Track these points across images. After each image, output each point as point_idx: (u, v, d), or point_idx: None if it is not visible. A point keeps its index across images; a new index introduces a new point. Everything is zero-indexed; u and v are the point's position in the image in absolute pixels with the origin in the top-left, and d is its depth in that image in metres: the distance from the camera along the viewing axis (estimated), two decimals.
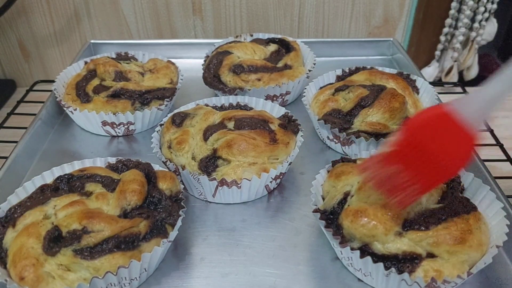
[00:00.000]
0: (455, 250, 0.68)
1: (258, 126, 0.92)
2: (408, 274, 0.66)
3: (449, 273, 0.67)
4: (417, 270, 0.68)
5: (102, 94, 1.07)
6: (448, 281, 0.66)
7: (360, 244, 0.71)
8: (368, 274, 0.72)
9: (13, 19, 1.52)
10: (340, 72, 1.18)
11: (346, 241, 0.72)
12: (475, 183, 0.80)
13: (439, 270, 0.67)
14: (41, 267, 0.67)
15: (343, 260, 0.77)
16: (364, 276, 0.74)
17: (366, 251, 0.70)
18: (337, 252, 0.78)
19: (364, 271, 0.72)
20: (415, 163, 0.62)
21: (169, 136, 0.94)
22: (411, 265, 0.68)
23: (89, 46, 1.45)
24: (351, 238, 0.72)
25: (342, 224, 0.73)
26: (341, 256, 0.76)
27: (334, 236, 0.72)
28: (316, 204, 0.79)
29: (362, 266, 0.71)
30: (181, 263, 0.79)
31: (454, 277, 0.67)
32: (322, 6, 1.53)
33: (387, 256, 0.69)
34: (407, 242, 0.69)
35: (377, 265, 0.68)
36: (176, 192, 0.81)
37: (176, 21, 1.55)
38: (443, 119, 0.60)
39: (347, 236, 0.72)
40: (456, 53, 1.53)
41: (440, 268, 0.68)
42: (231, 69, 1.15)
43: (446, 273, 0.67)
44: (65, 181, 0.80)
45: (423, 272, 0.68)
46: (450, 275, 0.67)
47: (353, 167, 0.82)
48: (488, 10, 1.46)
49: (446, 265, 0.68)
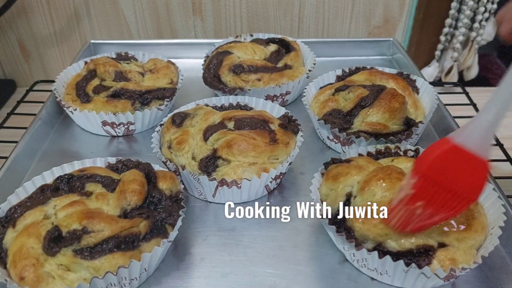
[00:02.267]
0: (463, 237, 0.70)
1: (258, 126, 0.92)
2: (428, 267, 0.67)
3: (462, 259, 0.69)
4: (433, 261, 0.68)
5: (102, 94, 1.07)
6: (465, 268, 0.67)
7: (374, 244, 0.71)
8: (384, 273, 0.72)
9: (13, 19, 1.52)
10: (340, 72, 1.18)
11: (360, 243, 0.71)
12: None
13: (453, 258, 0.68)
14: (41, 267, 0.67)
15: (354, 262, 0.76)
16: (380, 275, 0.73)
17: (380, 250, 0.70)
18: (347, 255, 0.77)
19: (380, 270, 0.72)
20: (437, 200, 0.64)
21: (169, 136, 0.94)
22: (426, 258, 0.69)
23: (89, 46, 1.45)
24: (364, 240, 0.72)
25: (353, 227, 0.72)
26: (353, 258, 0.75)
27: (348, 240, 0.71)
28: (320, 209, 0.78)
29: (378, 265, 0.71)
30: (181, 263, 0.79)
31: (469, 262, 0.68)
32: (322, 6, 1.53)
33: (402, 253, 0.70)
34: (418, 235, 0.70)
35: (396, 263, 0.68)
36: (176, 192, 0.81)
37: (176, 21, 1.55)
38: (453, 153, 0.62)
39: (359, 238, 0.72)
40: (456, 53, 1.53)
41: (453, 256, 0.69)
42: (231, 69, 1.15)
43: (459, 260, 0.68)
44: (65, 181, 0.80)
45: (438, 262, 0.68)
46: (464, 261, 0.68)
47: (349, 167, 0.81)
48: (488, 10, 1.46)
49: (458, 252, 0.69)
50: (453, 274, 0.67)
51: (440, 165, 0.62)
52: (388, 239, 0.70)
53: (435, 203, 0.64)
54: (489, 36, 1.52)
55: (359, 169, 0.80)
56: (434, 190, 0.63)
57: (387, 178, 0.74)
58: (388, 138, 0.95)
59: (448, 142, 0.62)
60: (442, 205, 0.64)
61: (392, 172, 0.75)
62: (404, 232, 0.69)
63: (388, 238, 0.70)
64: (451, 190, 0.63)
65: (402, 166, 0.81)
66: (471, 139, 0.61)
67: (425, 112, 1.05)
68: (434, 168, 0.63)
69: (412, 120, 1.00)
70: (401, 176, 0.75)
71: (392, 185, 0.73)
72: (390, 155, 0.89)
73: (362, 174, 0.79)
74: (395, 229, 0.69)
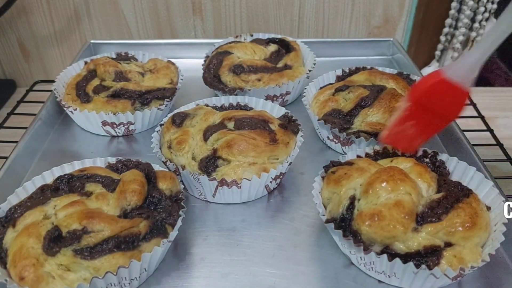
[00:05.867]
0: (469, 235, 0.70)
1: (258, 126, 0.92)
2: (438, 268, 0.67)
3: (469, 258, 0.69)
4: (441, 261, 0.68)
5: (102, 94, 1.07)
6: (474, 267, 0.68)
7: (381, 247, 0.71)
8: (392, 275, 0.72)
9: (13, 19, 1.52)
10: (340, 72, 1.18)
11: (367, 246, 0.71)
12: (460, 166, 0.85)
13: (460, 257, 0.69)
14: (41, 267, 0.67)
15: (361, 265, 0.76)
16: (388, 278, 0.73)
17: (388, 253, 0.70)
18: (353, 258, 0.77)
19: (388, 272, 0.71)
20: (423, 119, 0.81)
21: (169, 136, 0.94)
22: (435, 258, 0.69)
23: (89, 46, 1.45)
24: (371, 243, 0.71)
25: (359, 230, 0.71)
26: (360, 261, 0.75)
27: (355, 244, 0.71)
28: (324, 214, 0.78)
29: (386, 268, 0.71)
30: (181, 263, 0.79)
31: (477, 261, 0.68)
32: (322, 6, 1.53)
33: (410, 254, 0.70)
34: (425, 236, 0.70)
35: (405, 265, 0.68)
36: (176, 192, 0.81)
37: (176, 21, 1.55)
38: (442, 85, 0.76)
39: (367, 242, 0.71)
40: (456, 53, 1.53)
41: (460, 255, 0.69)
42: (231, 69, 1.15)
43: (467, 259, 0.69)
44: (65, 181, 0.80)
45: (446, 262, 0.68)
46: (471, 260, 0.69)
47: (350, 169, 0.81)
48: (488, 10, 1.46)
49: (464, 251, 0.69)
50: (461, 273, 0.67)
51: (430, 94, 0.78)
52: (395, 242, 0.70)
53: (422, 123, 0.82)
54: None
55: (361, 171, 0.79)
56: (423, 113, 0.80)
57: (391, 180, 0.74)
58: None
59: (438, 75, 0.76)
60: (428, 124, 0.82)
61: (395, 173, 0.75)
62: (397, 148, 0.88)
63: (396, 241, 0.70)
64: (437, 114, 0.79)
65: (401, 166, 0.80)
66: (458, 73, 0.74)
67: None
68: (425, 97, 0.78)
69: None
70: (404, 177, 0.75)
71: (396, 186, 0.73)
72: (388, 156, 0.89)
73: (364, 176, 0.78)
74: (386, 140, 0.87)
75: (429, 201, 0.74)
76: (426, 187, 0.76)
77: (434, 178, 0.79)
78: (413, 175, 0.78)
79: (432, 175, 0.80)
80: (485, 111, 1.20)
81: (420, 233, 0.70)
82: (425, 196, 0.75)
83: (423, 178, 0.77)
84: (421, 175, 0.78)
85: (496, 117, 1.37)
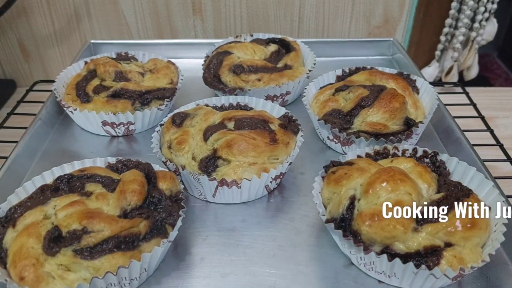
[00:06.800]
0: (469, 235, 0.70)
1: (258, 126, 0.92)
2: (437, 268, 0.67)
3: (469, 258, 0.69)
4: (441, 261, 0.68)
5: (102, 94, 1.07)
6: (474, 267, 0.68)
7: (381, 247, 0.71)
8: (392, 275, 0.72)
9: (13, 19, 1.52)
10: (340, 72, 1.18)
11: (367, 246, 0.71)
12: (460, 166, 0.84)
13: (460, 257, 0.69)
14: (41, 267, 0.67)
15: (361, 265, 0.76)
16: (388, 278, 0.73)
17: (388, 253, 0.70)
18: (353, 258, 0.77)
19: (388, 273, 0.72)
20: None
21: (169, 136, 0.94)
22: (435, 258, 0.68)
23: (89, 46, 1.45)
24: (371, 243, 0.71)
25: (359, 230, 0.71)
26: (360, 262, 0.75)
27: (355, 244, 0.71)
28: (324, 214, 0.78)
29: (386, 268, 0.71)
30: (181, 263, 0.79)
31: (477, 261, 0.68)
32: (322, 6, 1.53)
33: (410, 254, 0.70)
34: (425, 236, 0.70)
35: (405, 265, 0.68)
36: (176, 192, 0.81)
37: (176, 21, 1.55)
38: None
39: (367, 242, 0.71)
40: (456, 53, 1.53)
41: (460, 255, 0.69)
42: (231, 69, 1.15)
43: (467, 259, 0.69)
44: (65, 181, 0.80)
45: (446, 262, 0.68)
46: (471, 260, 0.69)
47: (350, 170, 0.80)
48: (488, 10, 1.46)
49: (464, 251, 0.69)
50: (461, 274, 0.67)
51: None
52: (395, 242, 0.70)
53: None
54: (489, 36, 1.53)
55: (361, 171, 0.79)
56: None
57: (391, 180, 0.74)
58: (388, 138, 0.95)
59: None
60: None
61: (395, 173, 0.75)
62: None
63: (396, 241, 0.70)
64: None
65: (402, 166, 0.80)
66: None
67: (425, 112, 1.05)
68: None
69: (412, 120, 1.00)
70: (404, 177, 0.75)
71: (396, 186, 0.73)
72: (388, 156, 0.89)
73: (365, 176, 0.78)
74: None
75: (429, 201, 0.74)
76: (426, 187, 0.76)
77: (434, 178, 0.79)
78: (413, 175, 0.78)
79: (432, 175, 0.80)
80: (485, 111, 1.20)
81: (420, 233, 0.70)
82: (425, 196, 0.75)
83: (423, 178, 0.77)
84: (421, 175, 0.78)
85: (496, 117, 1.37)
